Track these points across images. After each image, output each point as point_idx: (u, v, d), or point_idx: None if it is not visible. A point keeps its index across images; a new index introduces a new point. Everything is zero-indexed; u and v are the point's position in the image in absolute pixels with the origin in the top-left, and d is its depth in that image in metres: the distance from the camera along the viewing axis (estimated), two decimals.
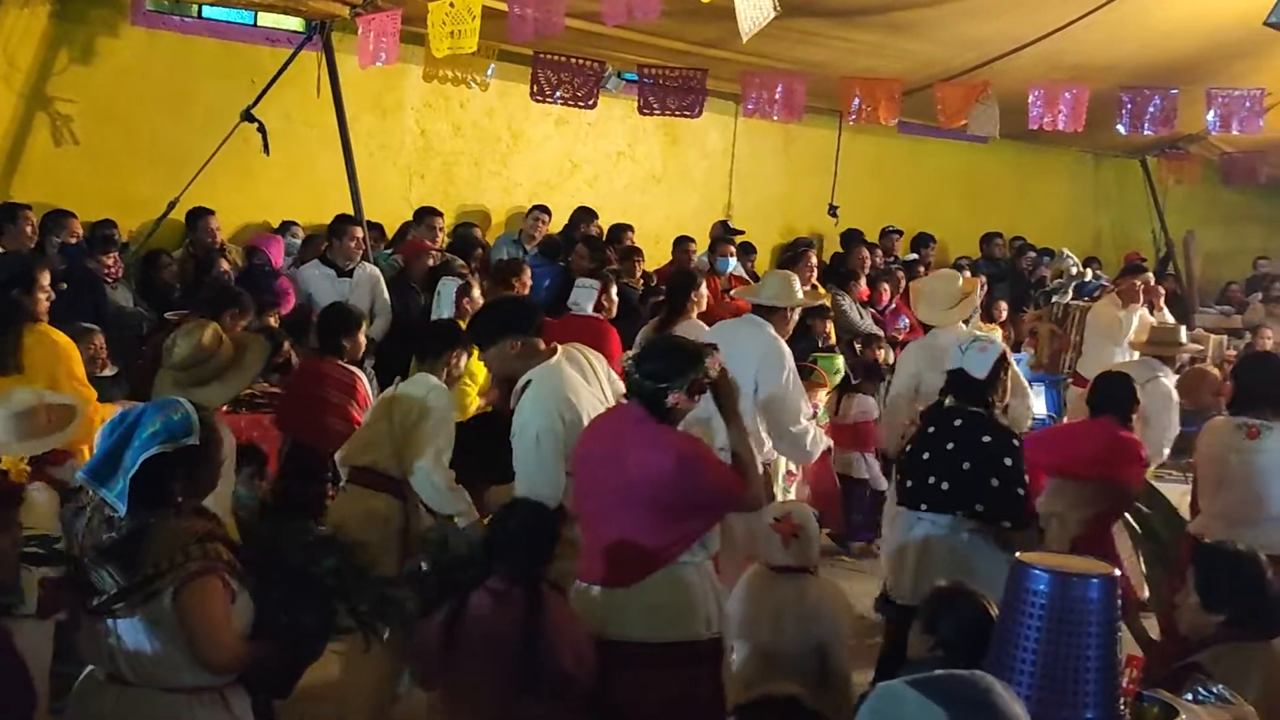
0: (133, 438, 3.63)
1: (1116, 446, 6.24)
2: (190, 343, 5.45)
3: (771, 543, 5.43)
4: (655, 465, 4.45)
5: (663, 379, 4.52)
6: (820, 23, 9.57)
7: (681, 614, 4.51)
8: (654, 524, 4.48)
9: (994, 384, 5.71)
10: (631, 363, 4.64)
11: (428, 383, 6.02)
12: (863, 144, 13.88)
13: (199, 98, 10.68)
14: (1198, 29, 9.96)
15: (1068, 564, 2.93)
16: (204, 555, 3.57)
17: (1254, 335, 13.64)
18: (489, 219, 12.60)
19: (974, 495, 5.49)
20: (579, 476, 4.77)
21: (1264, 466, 6.18)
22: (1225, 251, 17.84)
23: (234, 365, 5.56)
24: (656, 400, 4.53)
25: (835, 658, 5.21)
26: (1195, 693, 3.47)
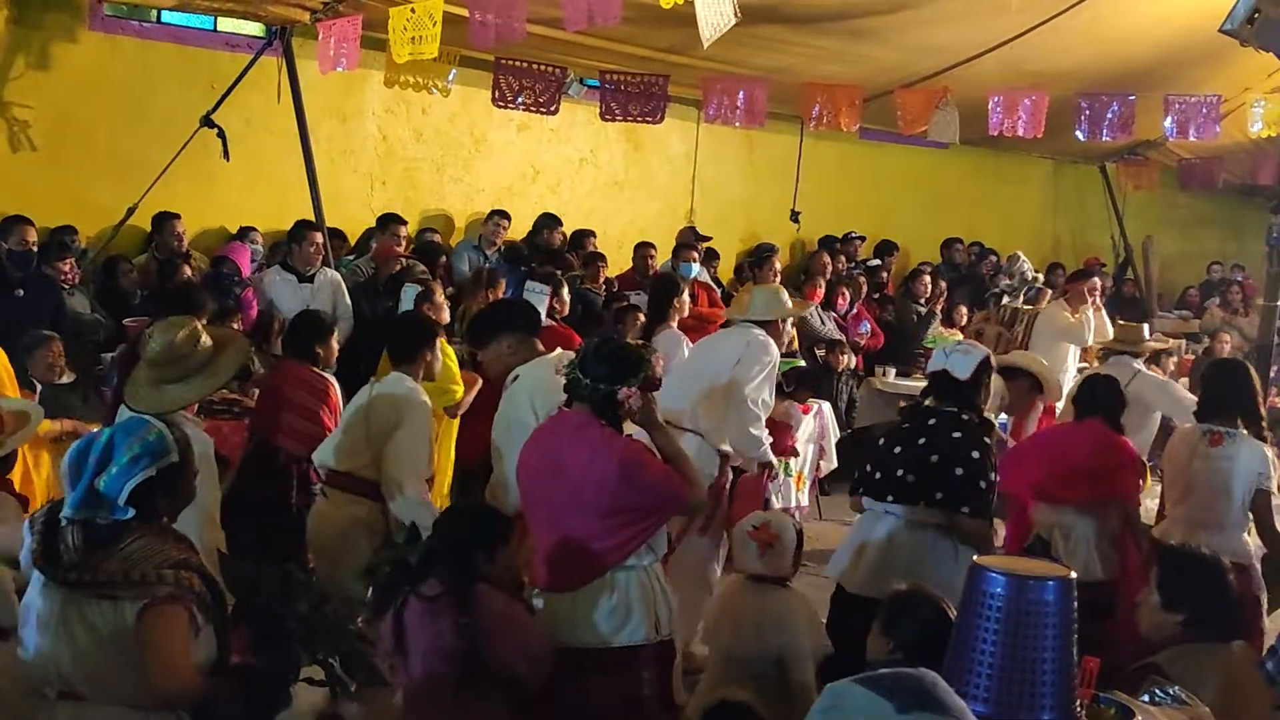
0: (110, 463, 3.61)
1: (1109, 451, 6.31)
2: (166, 338, 5.37)
3: (748, 550, 5.45)
4: (598, 469, 4.48)
5: (614, 379, 4.57)
6: (781, 29, 9.59)
7: (629, 618, 4.54)
8: (598, 529, 4.50)
9: (977, 386, 5.75)
10: (576, 369, 4.65)
11: (404, 384, 6.00)
12: (824, 150, 13.93)
13: (158, 103, 10.61)
14: (1155, 36, 10.03)
15: (1023, 567, 2.95)
16: (176, 582, 3.54)
17: (1211, 340, 13.77)
18: (451, 225, 12.57)
19: (935, 485, 5.52)
20: (524, 484, 4.79)
21: (1226, 472, 6.28)
22: (1183, 256, 18.00)
23: (209, 364, 5.44)
24: (608, 402, 4.57)
25: (795, 670, 5.22)
26: (1152, 694, 3.50)
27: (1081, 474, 6.26)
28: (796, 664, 5.22)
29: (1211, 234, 18.40)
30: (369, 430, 5.89)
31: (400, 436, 5.83)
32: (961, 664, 2.85)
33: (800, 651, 5.24)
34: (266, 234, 10.94)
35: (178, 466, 3.73)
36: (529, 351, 5.66)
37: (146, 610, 3.50)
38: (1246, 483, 6.29)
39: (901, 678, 2.40)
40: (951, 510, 5.50)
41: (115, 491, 3.56)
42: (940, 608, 4.04)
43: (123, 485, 3.56)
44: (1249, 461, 6.33)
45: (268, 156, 10.84)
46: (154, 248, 10.12)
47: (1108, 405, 6.50)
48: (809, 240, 14.14)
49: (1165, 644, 4.25)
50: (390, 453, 5.83)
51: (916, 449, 5.62)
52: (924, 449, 5.60)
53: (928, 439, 5.63)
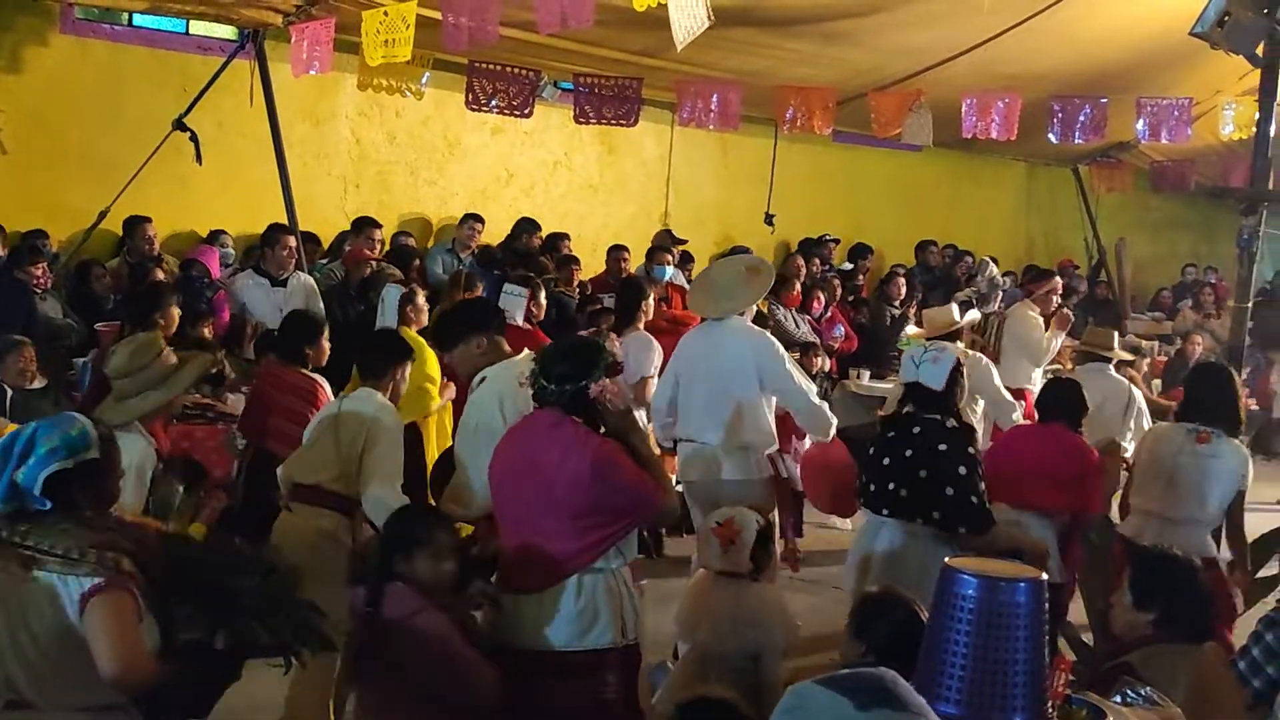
0: (29, 456, 3.61)
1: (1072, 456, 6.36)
2: (126, 351, 5.44)
3: (711, 547, 5.45)
4: (570, 468, 4.46)
5: (579, 376, 4.57)
6: (755, 32, 9.61)
7: (595, 622, 4.53)
8: (568, 529, 4.49)
9: (953, 391, 5.77)
10: (538, 374, 4.64)
11: (374, 400, 5.96)
12: (798, 153, 13.95)
13: (130, 106, 10.58)
14: (1127, 39, 10.09)
15: (995, 568, 2.95)
16: (99, 562, 3.52)
17: (1184, 341, 13.82)
18: (425, 228, 12.56)
19: (930, 503, 5.53)
20: (497, 486, 4.77)
21: (1210, 470, 6.35)
22: (1156, 258, 18.11)
23: (167, 379, 5.48)
24: (579, 399, 4.57)
25: (767, 666, 5.22)
26: (1124, 695, 3.50)
27: (1044, 478, 6.30)
28: (772, 660, 5.22)
29: (1183, 236, 18.52)
30: (338, 445, 5.86)
31: (376, 453, 5.82)
32: (934, 665, 2.85)
33: (774, 646, 5.25)
34: (239, 238, 10.92)
35: (98, 463, 3.73)
36: (497, 353, 5.62)
37: (89, 601, 3.49)
38: (1229, 482, 6.35)
39: (861, 676, 2.42)
40: (950, 531, 5.55)
41: (30, 482, 3.58)
42: (912, 609, 4.05)
43: (37, 475, 3.58)
44: (1233, 461, 6.40)
45: (240, 160, 10.81)
46: (125, 252, 10.08)
47: (1070, 409, 6.55)
48: (783, 243, 14.15)
49: (1137, 644, 4.26)
50: (367, 468, 5.82)
51: (905, 461, 5.62)
52: (912, 462, 5.60)
53: (914, 450, 5.62)
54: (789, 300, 11.79)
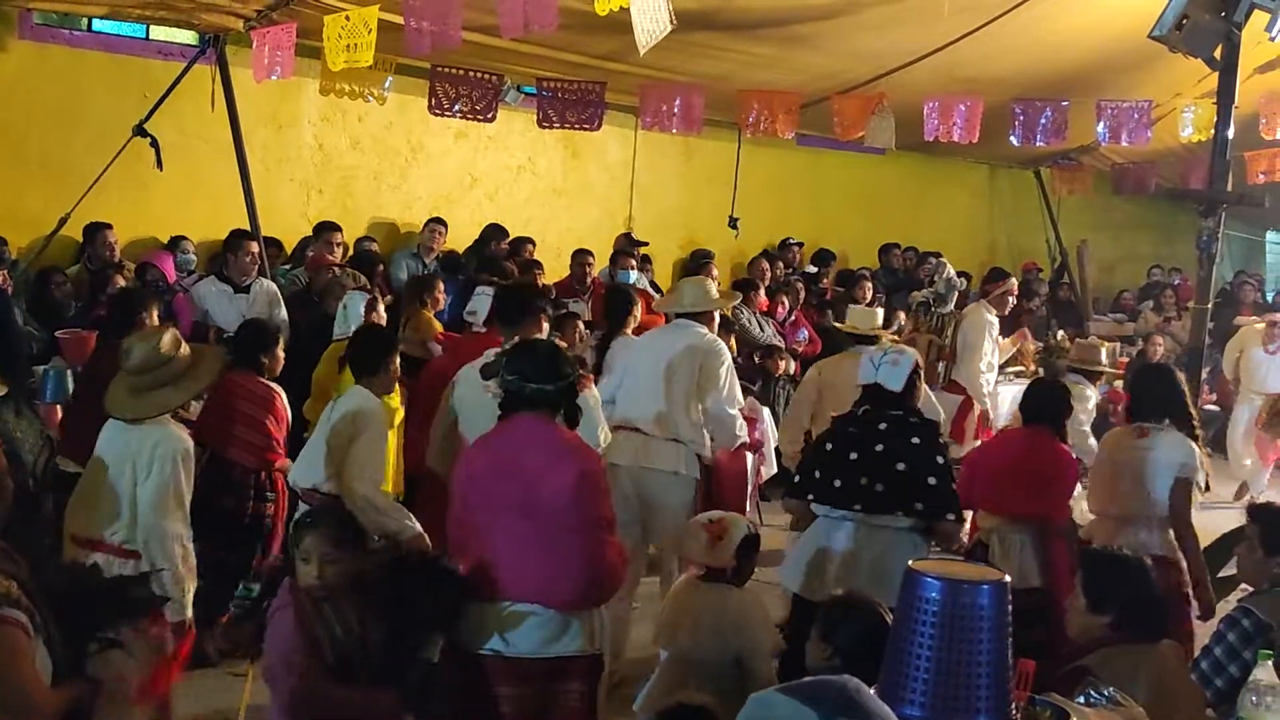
0: None
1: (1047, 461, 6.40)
2: (147, 347, 5.44)
3: (697, 539, 5.45)
4: (557, 473, 4.47)
5: (563, 375, 4.62)
6: (717, 36, 9.63)
7: (567, 629, 4.54)
8: (551, 539, 4.48)
9: (912, 391, 5.82)
10: (516, 379, 4.62)
11: (358, 395, 6.11)
12: (762, 156, 13.96)
13: (90, 112, 10.50)
14: (1087, 42, 10.16)
15: (958, 571, 2.96)
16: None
17: (1145, 343, 13.92)
18: (389, 233, 12.51)
19: (913, 494, 5.58)
20: (467, 489, 4.72)
21: (1149, 462, 6.38)
22: (1118, 260, 18.23)
23: (190, 370, 5.55)
24: (570, 396, 4.62)
25: (756, 671, 5.22)
26: (1087, 695, 3.52)
27: (1019, 482, 6.33)
28: (757, 664, 5.22)
29: (1145, 238, 18.64)
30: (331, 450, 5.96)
31: (357, 447, 5.87)
32: (898, 668, 2.86)
33: (761, 651, 5.25)
34: (201, 244, 10.84)
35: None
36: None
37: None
38: (1168, 472, 6.36)
39: (824, 685, 2.44)
40: (934, 519, 5.59)
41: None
42: (878, 613, 4.07)
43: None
44: (1170, 451, 6.41)
45: (202, 166, 10.74)
46: (86, 259, 10.00)
47: (1053, 413, 6.58)
48: (747, 246, 14.17)
49: (1094, 646, 4.28)
50: (347, 463, 5.87)
51: (877, 456, 5.65)
52: (885, 456, 5.63)
53: (885, 445, 5.65)
54: (756, 304, 11.81)
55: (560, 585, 4.49)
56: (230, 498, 6.96)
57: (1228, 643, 4.48)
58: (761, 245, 14.13)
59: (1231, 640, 4.47)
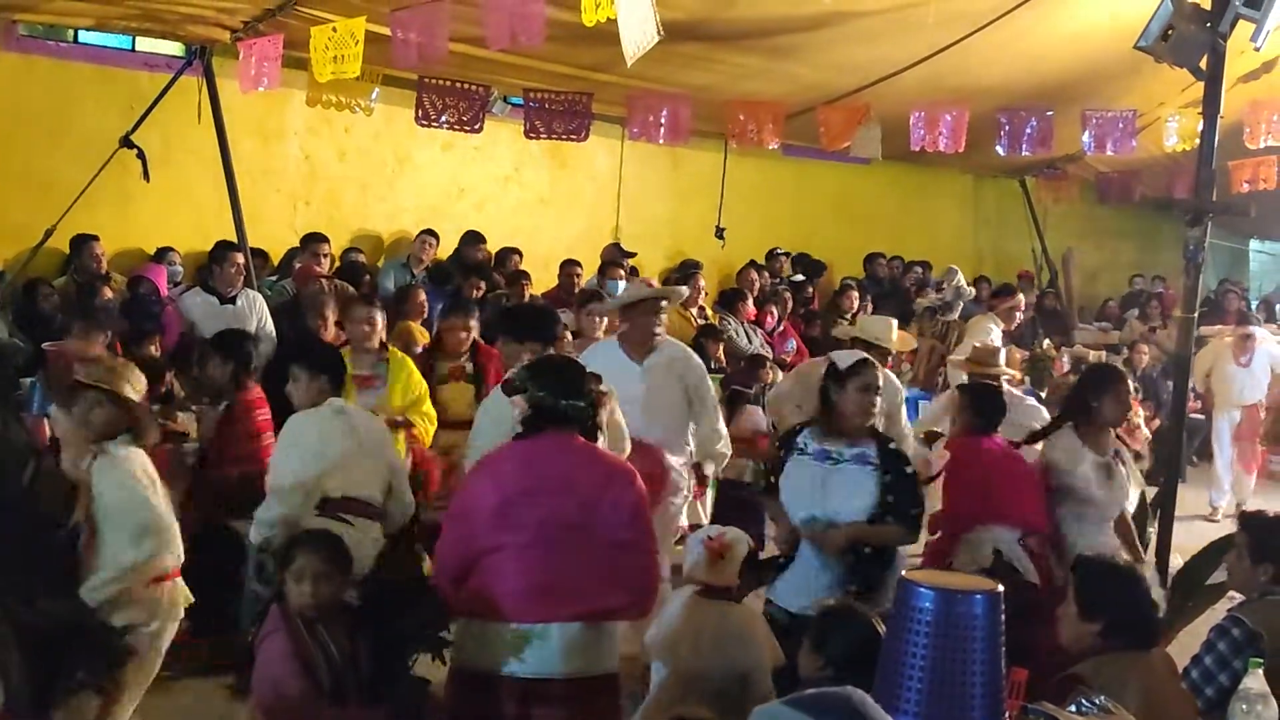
0: None
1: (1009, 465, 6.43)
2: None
3: (698, 557, 5.45)
4: (615, 492, 4.47)
5: (589, 390, 4.65)
6: (704, 46, 9.63)
7: (602, 646, 4.53)
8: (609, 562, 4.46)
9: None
10: (546, 395, 4.57)
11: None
12: (748, 167, 13.98)
13: (76, 124, 10.49)
14: (1072, 52, 10.18)
15: (952, 581, 2.97)
16: None
17: (1130, 351, 13.97)
18: (376, 244, 12.51)
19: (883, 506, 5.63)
20: (496, 509, 4.50)
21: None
22: (1103, 268, 18.30)
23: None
24: (591, 413, 4.63)
25: (757, 686, 5.21)
26: (1079, 704, 3.53)
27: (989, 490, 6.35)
28: (760, 679, 5.22)
29: (1129, 246, 18.71)
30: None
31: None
32: (892, 678, 2.87)
33: (764, 666, 5.25)
34: (188, 255, 10.83)
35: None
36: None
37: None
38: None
39: (830, 697, 2.43)
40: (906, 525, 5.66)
41: None
42: (870, 623, 4.07)
43: None
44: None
45: (188, 177, 10.73)
46: (73, 270, 9.98)
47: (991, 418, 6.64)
48: (734, 257, 14.18)
49: (1085, 654, 4.29)
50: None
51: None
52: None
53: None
54: (743, 314, 11.82)
55: (616, 599, 4.48)
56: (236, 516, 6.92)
57: (1218, 651, 4.49)
58: (748, 255, 14.13)
59: (1222, 649, 4.48)
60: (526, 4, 6.98)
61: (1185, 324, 7.16)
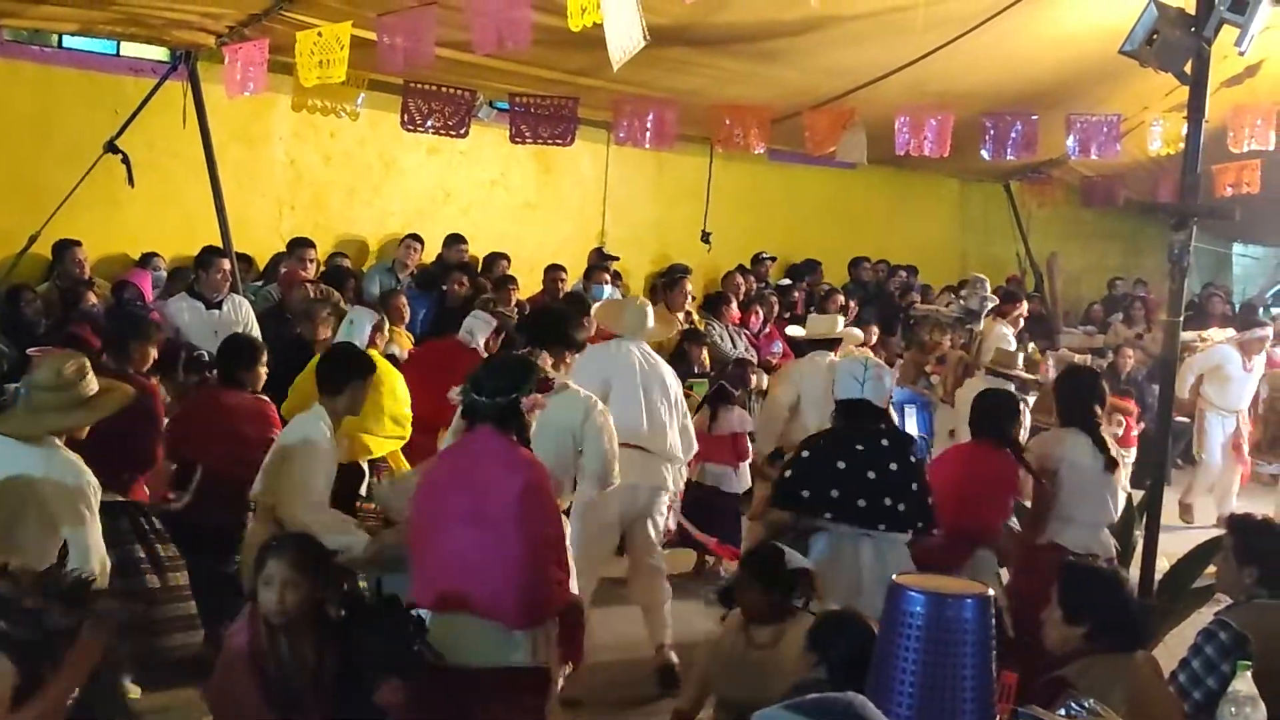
0: None
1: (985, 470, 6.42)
2: (50, 369, 5.36)
3: None
4: (504, 484, 4.55)
5: (511, 390, 4.68)
6: (690, 51, 9.64)
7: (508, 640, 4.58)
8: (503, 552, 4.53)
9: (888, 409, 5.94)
10: (470, 391, 4.73)
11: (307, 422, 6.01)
12: (734, 171, 14.00)
13: (61, 129, 10.46)
14: (1057, 57, 10.21)
15: (943, 585, 2.97)
16: None
17: (1115, 355, 13.98)
18: (363, 249, 12.49)
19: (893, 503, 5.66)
20: (424, 499, 4.78)
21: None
22: (1087, 272, 18.33)
23: (92, 400, 5.41)
24: (512, 411, 4.67)
25: None
26: (1067, 708, 3.54)
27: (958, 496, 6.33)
28: None
29: (1114, 250, 18.75)
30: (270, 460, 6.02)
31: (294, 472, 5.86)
32: (884, 682, 2.88)
33: None
34: (173, 260, 10.81)
35: None
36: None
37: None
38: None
39: (831, 703, 2.42)
40: (908, 529, 5.69)
41: None
42: (869, 628, 4.07)
43: None
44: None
45: (174, 182, 10.71)
46: (56, 276, 9.95)
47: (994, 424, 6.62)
48: (720, 261, 14.19)
49: (1071, 657, 4.30)
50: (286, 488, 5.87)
51: (894, 475, 5.71)
52: (901, 476, 5.72)
53: (898, 464, 5.74)
54: (728, 317, 11.83)
55: (501, 600, 4.53)
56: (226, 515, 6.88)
57: (1205, 655, 4.50)
58: (734, 260, 14.15)
59: (1209, 653, 4.49)
60: (513, 9, 6.97)
61: (1171, 327, 7.17)
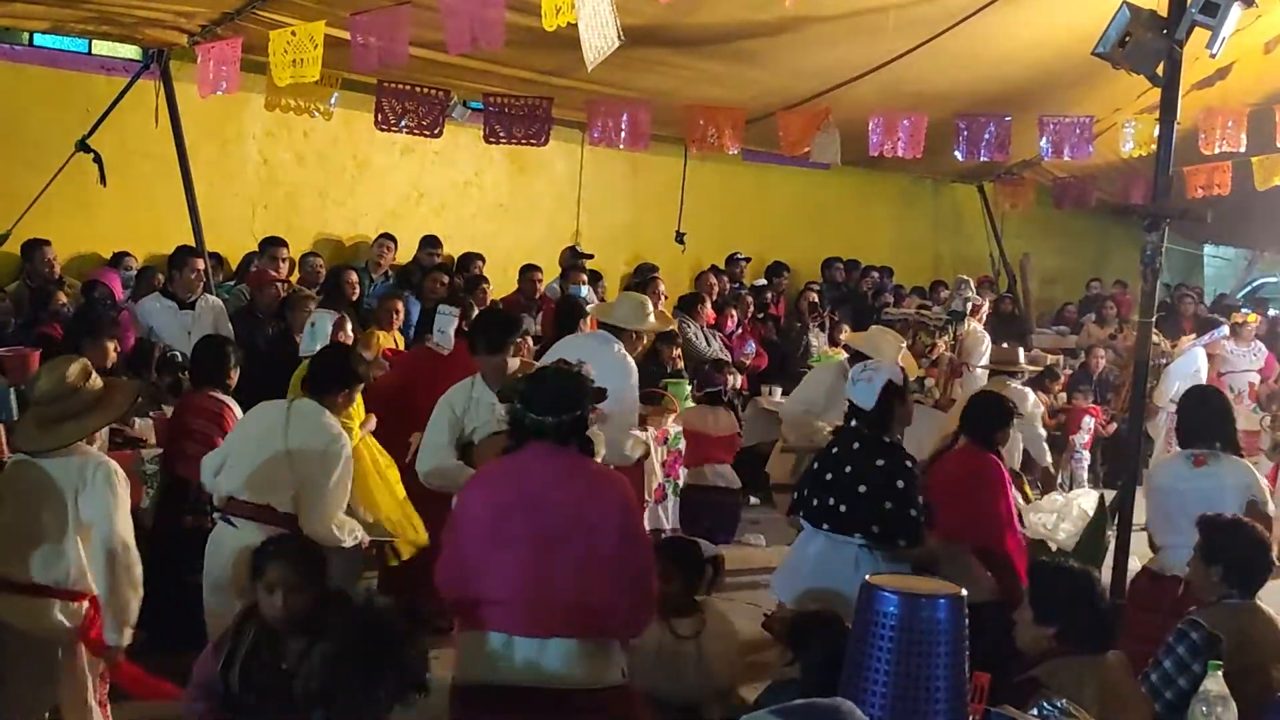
0: None
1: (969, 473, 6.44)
2: (53, 378, 5.22)
3: None
4: (601, 501, 4.37)
5: (575, 406, 4.45)
6: (664, 51, 9.65)
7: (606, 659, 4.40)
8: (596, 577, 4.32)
9: (886, 412, 5.80)
10: (520, 408, 4.45)
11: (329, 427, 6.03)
12: (708, 172, 14.01)
13: (31, 128, 10.40)
14: (1030, 58, 10.26)
15: (916, 585, 2.98)
16: None
17: (1087, 356, 14.05)
18: (337, 249, 12.45)
19: (869, 518, 5.59)
20: (479, 524, 4.44)
21: (1215, 490, 6.22)
22: (1060, 273, 18.40)
23: (98, 404, 5.31)
24: (578, 428, 4.45)
25: None
26: (1040, 708, 3.55)
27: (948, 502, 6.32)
28: None
29: (1086, 251, 18.82)
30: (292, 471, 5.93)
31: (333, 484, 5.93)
32: (857, 682, 2.88)
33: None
34: (146, 260, 10.76)
35: None
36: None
37: None
38: (1238, 497, 6.19)
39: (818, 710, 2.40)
40: (889, 544, 5.59)
41: None
42: (843, 626, 4.08)
43: None
44: (1236, 476, 6.32)
45: (146, 181, 10.65)
46: (25, 276, 9.89)
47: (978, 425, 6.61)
48: (694, 261, 14.20)
49: (1042, 657, 4.32)
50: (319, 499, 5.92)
51: (845, 477, 5.69)
52: (851, 477, 5.68)
53: (853, 466, 5.71)
54: (702, 317, 11.84)
55: (611, 617, 4.35)
56: (190, 515, 6.92)
57: (1177, 655, 4.51)
58: (709, 260, 14.17)
59: (1180, 653, 4.51)
60: (486, 8, 6.97)
61: (1144, 329, 7.20)
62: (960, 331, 10.63)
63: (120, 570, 5.09)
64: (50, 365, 5.42)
